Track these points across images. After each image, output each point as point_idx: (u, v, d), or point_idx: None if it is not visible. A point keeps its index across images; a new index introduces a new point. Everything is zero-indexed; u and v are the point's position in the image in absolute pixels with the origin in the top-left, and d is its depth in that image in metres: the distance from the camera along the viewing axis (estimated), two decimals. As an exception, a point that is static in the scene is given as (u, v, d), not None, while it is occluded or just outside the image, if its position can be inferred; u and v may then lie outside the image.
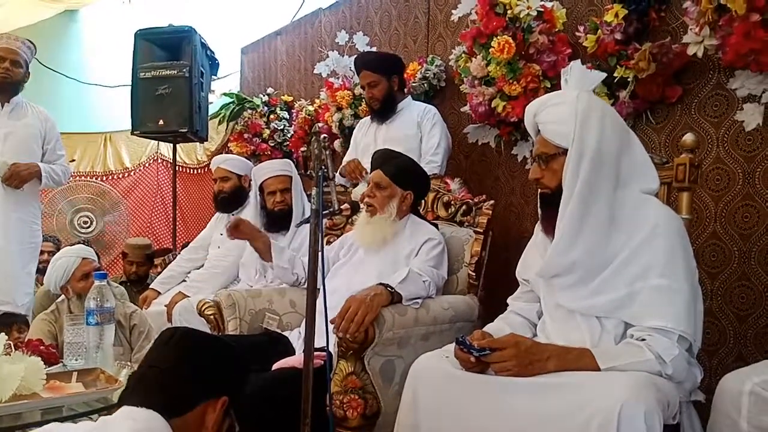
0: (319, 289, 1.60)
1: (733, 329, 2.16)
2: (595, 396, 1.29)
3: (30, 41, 3.33)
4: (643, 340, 1.40)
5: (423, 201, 2.55)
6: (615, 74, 2.33)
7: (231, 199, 3.35)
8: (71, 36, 6.48)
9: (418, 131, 2.98)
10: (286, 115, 4.76)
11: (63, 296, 2.62)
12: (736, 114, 2.15)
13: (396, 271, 2.17)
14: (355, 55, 3.69)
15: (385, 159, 2.34)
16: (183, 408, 1.17)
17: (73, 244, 3.01)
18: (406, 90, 3.19)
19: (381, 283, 1.96)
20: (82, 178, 5.69)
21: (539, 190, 1.62)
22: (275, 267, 2.47)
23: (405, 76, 3.20)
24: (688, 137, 1.75)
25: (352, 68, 3.76)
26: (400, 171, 2.29)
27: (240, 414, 1.29)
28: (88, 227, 5.46)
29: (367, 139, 3.16)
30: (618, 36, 2.31)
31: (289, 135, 4.67)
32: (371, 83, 3.00)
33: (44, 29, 5.75)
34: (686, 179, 1.73)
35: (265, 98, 4.87)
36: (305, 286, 2.38)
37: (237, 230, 2.44)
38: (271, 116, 4.78)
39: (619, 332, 1.50)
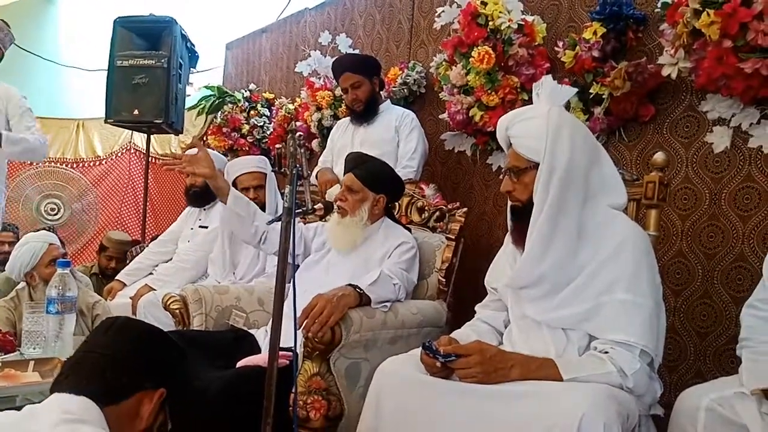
0: (287, 290, 1.59)
1: (693, 346, 2.21)
2: (556, 406, 1.30)
3: (3, 21, 3.25)
4: (606, 352, 1.42)
5: (398, 205, 2.56)
6: (591, 91, 2.37)
7: (203, 193, 3.31)
8: (48, 19, 6.36)
9: (395, 135, 2.99)
10: (267, 113, 4.74)
11: (23, 283, 2.55)
12: (706, 136, 2.20)
13: (368, 274, 2.17)
14: (338, 56, 3.69)
15: (358, 162, 2.33)
16: (119, 395, 1.15)
17: (38, 230, 2.94)
18: (384, 93, 3.20)
19: (350, 284, 1.95)
20: (52, 164, 5.57)
21: (510, 202, 1.64)
22: (229, 212, 2.25)
23: (385, 79, 3.21)
24: (659, 156, 1.79)
25: (334, 69, 3.77)
26: (372, 175, 2.28)
27: (177, 412, 1.26)
28: (56, 214, 5.35)
29: (344, 141, 3.15)
30: (595, 53, 2.35)
31: (268, 132, 4.65)
32: (354, 84, 2.97)
33: (20, 10, 5.63)
34: (655, 197, 1.76)
35: (247, 94, 4.84)
36: (266, 248, 2.34)
37: (195, 159, 2.18)
38: (252, 112, 4.75)
39: (583, 344, 1.52)
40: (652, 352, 1.43)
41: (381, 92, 3.11)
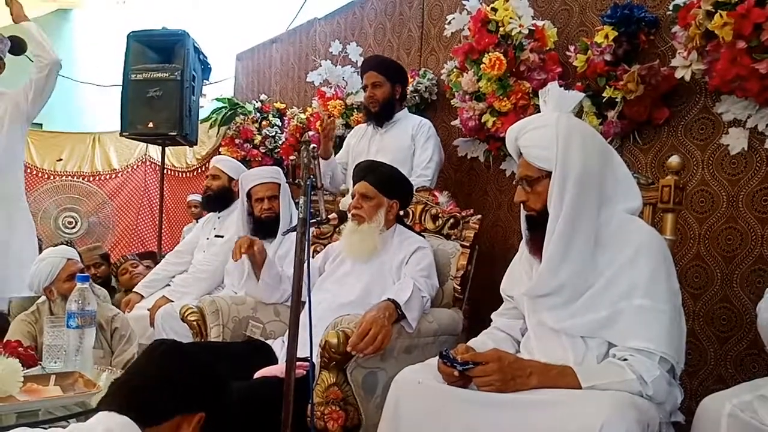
0: (304, 302, 1.60)
1: (713, 351, 2.18)
2: (576, 414, 1.29)
3: (1, 34, 3.31)
4: (626, 360, 1.41)
5: (411, 212, 2.56)
6: (604, 95, 2.36)
7: (216, 197, 3.34)
8: (63, 35, 6.47)
9: (411, 144, 2.99)
10: (278, 123, 4.76)
11: (43, 297, 2.58)
12: (722, 138, 2.18)
13: (384, 283, 2.17)
14: (348, 65, 3.72)
15: (369, 170, 2.34)
16: (159, 417, 1.17)
17: (57, 245, 2.98)
18: (404, 104, 3.20)
19: (391, 300, 1.92)
20: (69, 177, 5.65)
21: (525, 212, 1.63)
22: (261, 282, 2.40)
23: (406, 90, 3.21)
24: (674, 159, 1.77)
25: (345, 78, 3.79)
26: (384, 180, 2.29)
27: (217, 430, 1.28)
28: (73, 227, 5.41)
29: (360, 147, 3.16)
30: (608, 57, 2.35)
31: (280, 142, 4.68)
32: (375, 83, 3.01)
33: (36, 27, 5.72)
34: (671, 200, 1.75)
35: (258, 105, 4.88)
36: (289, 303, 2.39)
37: (250, 249, 2.33)
38: (263, 123, 4.78)
39: (602, 351, 1.50)
40: (673, 359, 1.41)
41: (401, 102, 3.11)
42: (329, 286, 2.28)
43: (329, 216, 2.01)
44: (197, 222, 4.74)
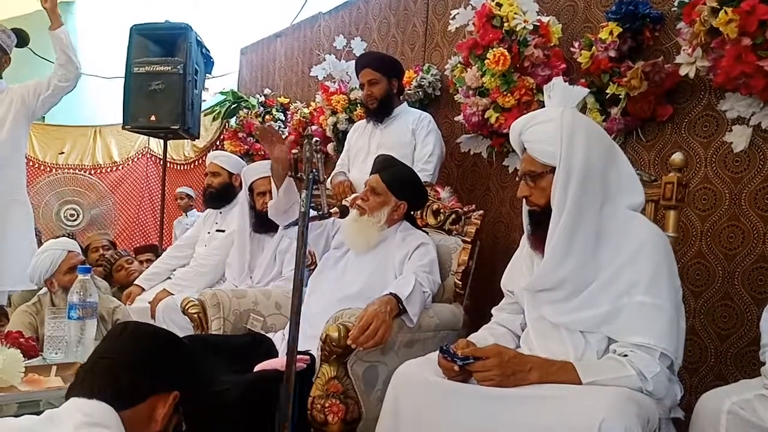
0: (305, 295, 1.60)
1: (714, 348, 2.18)
2: (575, 410, 1.29)
3: (7, 28, 3.31)
4: (626, 355, 1.41)
5: (419, 212, 2.55)
6: (608, 91, 2.35)
7: (218, 194, 3.33)
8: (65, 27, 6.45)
9: (412, 138, 2.99)
10: (282, 117, 4.76)
11: (45, 288, 2.58)
12: (725, 135, 2.17)
13: (385, 277, 2.16)
14: (353, 60, 3.71)
15: (386, 165, 2.33)
16: (133, 399, 1.17)
17: (57, 237, 2.98)
18: (402, 97, 3.20)
19: (393, 294, 1.92)
20: (71, 170, 5.66)
21: (528, 207, 1.63)
22: (278, 200, 2.30)
23: (402, 83, 3.21)
24: (677, 156, 1.77)
25: (349, 73, 3.78)
26: (398, 180, 2.28)
27: (193, 413, 1.28)
28: (75, 220, 5.41)
29: (360, 144, 3.16)
30: (612, 53, 2.34)
31: (283, 136, 4.67)
32: (371, 81, 3.00)
33: (38, 19, 5.70)
34: (674, 198, 1.74)
35: (262, 99, 4.87)
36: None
37: (268, 137, 2.27)
38: (267, 117, 4.78)
39: (602, 347, 1.50)
40: (672, 355, 1.41)
41: (399, 96, 3.11)
42: (331, 277, 2.28)
43: (330, 210, 2.01)
44: (186, 215, 4.76)
